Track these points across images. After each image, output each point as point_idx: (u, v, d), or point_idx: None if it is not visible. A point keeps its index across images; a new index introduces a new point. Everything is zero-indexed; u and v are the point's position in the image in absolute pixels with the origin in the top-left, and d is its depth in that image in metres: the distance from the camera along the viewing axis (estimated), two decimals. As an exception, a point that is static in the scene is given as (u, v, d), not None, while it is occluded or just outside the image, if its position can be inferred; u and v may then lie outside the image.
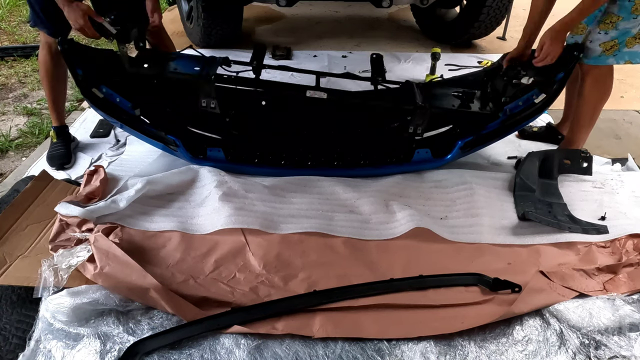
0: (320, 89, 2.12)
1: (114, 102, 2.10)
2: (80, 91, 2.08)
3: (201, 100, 2.09)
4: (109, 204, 1.81)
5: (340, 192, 2.08)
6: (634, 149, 2.54)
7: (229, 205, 1.90)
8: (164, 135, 2.11)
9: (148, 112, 2.16)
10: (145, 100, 2.15)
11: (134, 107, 2.09)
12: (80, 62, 2.02)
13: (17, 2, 4.99)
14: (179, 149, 2.11)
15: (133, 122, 2.12)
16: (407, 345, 1.44)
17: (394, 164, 2.21)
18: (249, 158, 2.18)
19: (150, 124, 2.14)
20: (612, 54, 2.05)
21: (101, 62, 2.11)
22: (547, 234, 1.88)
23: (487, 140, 2.23)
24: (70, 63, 1.99)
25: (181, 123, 2.22)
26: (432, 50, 3.29)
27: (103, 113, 2.11)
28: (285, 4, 3.39)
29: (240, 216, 1.85)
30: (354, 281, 1.63)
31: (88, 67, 2.04)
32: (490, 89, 2.20)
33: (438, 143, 2.20)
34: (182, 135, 2.14)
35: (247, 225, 1.83)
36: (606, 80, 2.19)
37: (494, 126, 2.19)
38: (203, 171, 2.09)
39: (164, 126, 2.14)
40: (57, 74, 2.29)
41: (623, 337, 1.46)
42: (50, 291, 1.48)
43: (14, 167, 2.45)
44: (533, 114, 2.19)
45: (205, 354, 1.39)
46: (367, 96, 2.25)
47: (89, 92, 2.06)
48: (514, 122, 2.20)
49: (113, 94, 2.09)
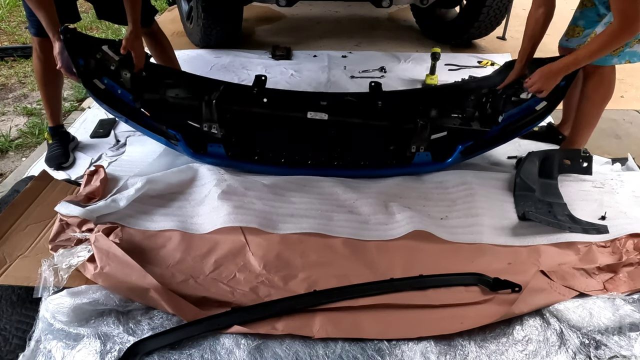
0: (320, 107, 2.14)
1: (115, 93, 2.09)
2: (82, 82, 2.08)
3: (203, 124, 2.11)
4: (109, 203, 1.81)
5: (339, 192, 2.07)
6: (634, 149, 2.54)
7: (228, 203, 1.90)
8: (164, 129, 2.11)
9: (149, 106, 2.17)
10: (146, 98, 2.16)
11: (135, 100, 2.09)
12: (82, 52, 2.03)
13: (17, 2, 4.99)
14: (179, 143, 2.11)
15: (134, 115, 2.12)
16: (407, 345, 1.44)
17: (394, 166, 2.21)
18: (250, 155, 2.18)
19: (151, 117, 2.14)
20: (616, 54, 2.05)
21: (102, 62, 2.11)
22: (547, 234, 1.87)
23: (488, 145, 2.24)
24: (72, 53, 1.98)
25: (182, 117, 2.23)
26: (432, 50, 3.29)
27: (104, 104, 2.12)
28: (285, 4, 3.40)
29: (239, 215, 1.85)
30: (354, 281, 1.63)
31: (90, 57, 2.05)
32: (490, 107, 2.20)
33: (438, 147, 2.20)
34: (183, 129, 2.14)
35: (246, 223, 1.82)
36: (610, 80, 2.18)
37: (495, 132, 2.19)
38: (203, 170, 2.09)
39: (165, 120, 2.14)
40: (47, 74, 2.27)
41: (623, 336, 1.46)
42: (50, 291, 1.48)
43: (14, 167, 2.45)
44: (534, 121, 2.19)
45: (206, 354, 1.39)
46: (367, 113, 2.25)
47: (91, 83, 2.06)
48: (515, 128, 2.21)
49: (114, 85, 2.10)
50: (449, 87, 2.77)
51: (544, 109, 2.16)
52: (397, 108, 2.26)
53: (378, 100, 2.23)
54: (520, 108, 2.18)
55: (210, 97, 2.09)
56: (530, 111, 2.19)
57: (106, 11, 2.41)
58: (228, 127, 2.17)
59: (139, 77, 2.18)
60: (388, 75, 3.46)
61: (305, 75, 3.44)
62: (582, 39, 2.20)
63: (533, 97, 2.17)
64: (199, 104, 2.09)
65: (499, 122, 2.15)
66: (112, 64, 2.13)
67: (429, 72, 3.33)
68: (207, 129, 2.12)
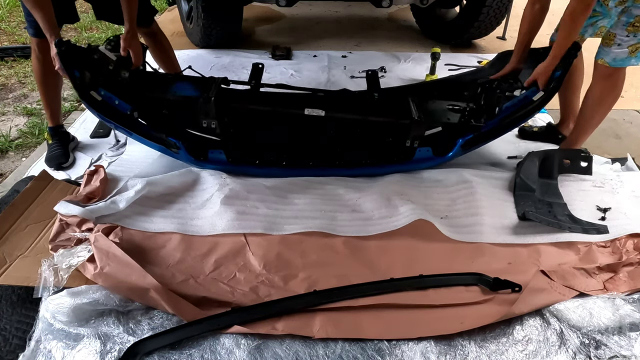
0: (317, 98, 2.14)
1: (113, 104, 2.09)
2: (78, 94, 2.06)
3: (201, 121, 2.11)
4: (109, 205, 1.80)
5: (342, 192, 2.07)
6: (634, 149, 2.54)
7: (231, 209, 1.89)
8: (164, 138, 2.10)
9: (147, 115, 2.15)
10: (144, 105, 2.16)
11: (133, 110, 2.08)
12: (78, 64, 2.01)
13: (17, 2, 4.99)
14: (180, 151, 2.09)
15: (132, 125, 2.11)
16: (407, 345, 1.44)
17: (395, 162, 2.22)
18: (250, 159, 2.19)
19: (150, 126, 2.13)
20: (634, 55, 2.05)
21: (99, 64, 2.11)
22: (548, 233, 1.87)
23: (487, 137, 2.24)
24: (67, 65, 1.97)
25: (181, 125, 2.22)
26: (432, 50, 3.29)
27: (102, 116, 2.09)
28: (285, 4, 3.40)
29: (242, 221, 1.84)
30: (354, 281, 1.63)
31: (85, 70, 2.03)
32: (484, 101, 2.21)
33: (439, 141, 2.20)
34: (183, 137, 2.13)
35: (250, 230, 1.82)
36: (623, 82, 2.19)
37: (493, 124, 2.20)
38: (204, 174, 2.09)
39: (164, 129, 2.14)
40: (46, 74, 2.27)
41: (623, 336, 1.46)
42: (50, 291, 1.48)
43: (14, 168, 2.45)
44: (531, 112, 2.20)
45: (206, 354, 1.39)
46: (365, 109, 2.26)
47: (87, 95, 2.03)
48: (513, 119, 2.21)
49: (112, 96, 2.07)
50: (445, 80, 2.77)
51: (540, 99, 2.16)
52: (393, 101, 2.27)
53: (374, 92, 2.25)
54: (517, 99, 2.19)
55: (209, 94, 2.09)
56: (528, 102, 2.19)
57: (105, 11, 2.41)
58: (226, 123, 2.16)
59: (136, 79, 2.17)
60: (388, 75, 3.46)
61: (305, 75, 3.44)
62: None
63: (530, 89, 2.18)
64: (197, 102, 2.09)
65: (495, 114, 2.16)
66: (110, 64, 2.12)
67: (429, 72, 3.34)
68: (205, 126, 2.11)
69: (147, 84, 2.25)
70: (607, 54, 2.09)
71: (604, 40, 2.11)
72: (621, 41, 2.03)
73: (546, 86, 2.11)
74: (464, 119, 2.25)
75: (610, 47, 2.06)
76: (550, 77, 2.10)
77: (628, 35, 2.00)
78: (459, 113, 2.28)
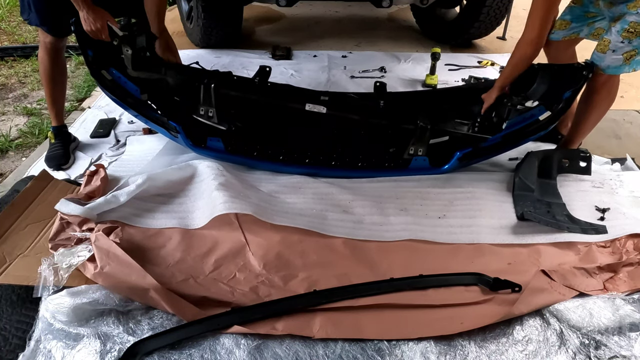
0: (320, 102, 2.14)
1: (122, 84, 2.13)
2: (90, 72, 2.15)
3: (200, 108, 2.12)
4: (109, 199, 1.80)
5: (335, 192, 2.07)
6: (634, 149, 2.54)
7: (224, 193, 1.90)
8: (166, 121, 2.13)
9: (154, 97, 2.20)
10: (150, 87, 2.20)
11: (142, 92, 2.13)
12: (91, 43, 2.06)
13: (17, 2, 4.98)
14: (179, 135, 2.12)
15: (139, 106, 2.15)
16: (407, 345, 1.44)
17: (391, 169, 2.21)
18: (248, 151, 2.19)
19: (156, 109, 2.17)
20: (629, 63, 2.04)
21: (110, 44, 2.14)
22: (548, 233, 1.87)
23: (487, 153, 2.22)
24: (82, 43, 2.03)
25: (185, 111, 2.24)
26: (432, 50, 3.29)
27: (110, 95, 2.16)
28: (285, 4, 3.40)
29: (234, 203, 1.85)
30: (354, 281, 1.63)
31: (98, 49, 2.09)
32: (495, 114, 2.19)
33: (436, 152, 2.20)
34: (184, 122, 2.15)
35: (241, 210, 1.82)
36: (617, 87, 2.19)
37: (495, 140, 2.18)
38: (202, 167, 2.09)
39: (169, 112, 2.16)
40: (55, 73, 2.28)
41: (623, 337, 1.46)
42: (50, 290, 1.47)
43: (14, 167, 2.45)
44: (536, 131, 2.17)
45: (206, 354, 1.39)
46: (367, 110, 2.25)
47: (98, 74, 2.11)
48: (517, 137, 2.19)
49: (121, 77, 2.13)
50: (454, 90, 2.76)
51: (547, 120, 2.15)
52: (399, 109, 2.26)
53: (381, 99, 2.24)
54: (523, 117, 2.16)
55: (210, 80, 2.12)
56: (533, 121, 2.17)
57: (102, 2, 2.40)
58: (225, 111, 2.18)
59: (141, 56, 2.21)
60: (388, 75, 3.46)
61: (305, 75, 3.44)
62: (567, 31, 2.23)
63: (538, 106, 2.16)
64: (198, 88, 2.12)
65: (502, 129, 2.14)
66: (114, 39, 2.14)
67: (429, 72, 3.33)
68: (203, 113, 2.13)
69: (149, 66, 2.28)
70: (601, 60, 2.07)
71: (598, 46, 2.09)
72: (616, 47, 2.01)
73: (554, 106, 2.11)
74: (469, 131, 2.22)
75: (605, 53, 2.04)
76: (559, 97, 2.09)
77: (623, 42, 1.98)
78: (466, 125, 2.24)
